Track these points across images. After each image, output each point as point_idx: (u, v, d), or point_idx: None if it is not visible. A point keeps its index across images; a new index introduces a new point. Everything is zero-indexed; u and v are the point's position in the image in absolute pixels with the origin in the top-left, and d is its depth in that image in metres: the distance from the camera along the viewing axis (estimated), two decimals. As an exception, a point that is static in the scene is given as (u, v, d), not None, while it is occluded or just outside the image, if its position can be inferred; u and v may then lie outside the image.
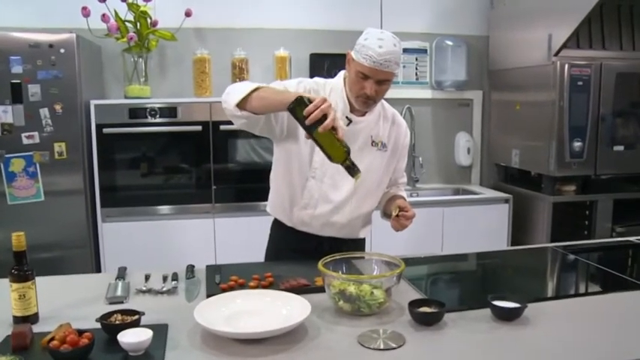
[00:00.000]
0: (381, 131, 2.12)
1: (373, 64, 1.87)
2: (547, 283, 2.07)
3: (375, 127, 2.10)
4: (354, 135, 2.05)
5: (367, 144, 2.09)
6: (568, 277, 2.17)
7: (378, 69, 1.87)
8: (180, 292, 1.85)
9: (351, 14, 4.05)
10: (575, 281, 2.14)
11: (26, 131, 3.13)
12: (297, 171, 2.09)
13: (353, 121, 2.05)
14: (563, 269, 2.23)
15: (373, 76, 1.90)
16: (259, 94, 1.87)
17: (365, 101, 1.97)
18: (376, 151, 2.11)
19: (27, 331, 1.43)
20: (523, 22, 3.85)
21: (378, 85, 1.93)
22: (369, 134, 2.09)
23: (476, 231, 3.73)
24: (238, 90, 1.91)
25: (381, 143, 2.11)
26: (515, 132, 3.99)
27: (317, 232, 2.14)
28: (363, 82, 1.92)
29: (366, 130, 2.07)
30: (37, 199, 3.18)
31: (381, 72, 1.89)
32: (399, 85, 4.24)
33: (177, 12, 3.67)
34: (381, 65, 1.87)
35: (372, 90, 1.92)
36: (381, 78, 1.91)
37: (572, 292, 1.94)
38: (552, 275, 2.17)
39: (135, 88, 3.52)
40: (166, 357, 1.37)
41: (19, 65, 3.10)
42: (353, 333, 1.49)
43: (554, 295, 1.81)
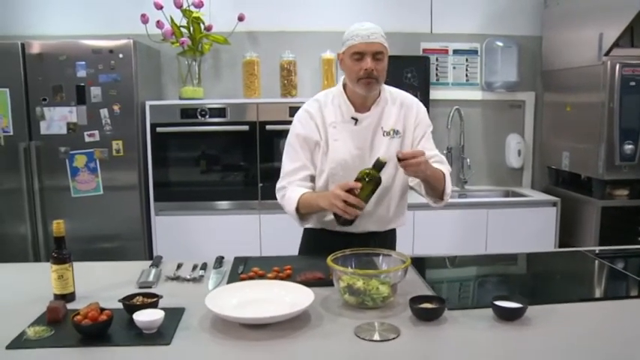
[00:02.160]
0: (391, 119, 2.17)
1: (362, 40, 2.01)
2: (564, 286, 2.05)
3: (383, 117, 2.16)
4: (363, 131, 2.14)
5: (379, 136, 2.16)
6: (587, 282, 2.15)
7: (368, 41, 2.00)
8: (205, 280, 1.99)
9: (400, 15, 4.09)
10: (593, 286, 2.12)
11: (88, 130, 3.40)
12: (321, 182, 2.19)
13: (359, 119, 2.14)
14: (585, 273, 2.21)
15: (367, 50, 2.01)
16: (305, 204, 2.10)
17: (368, 80, 2.04)
18: (389, 139, 2.16)
19: (60, 307, 1.61)
20: (576, 21, 3.77)
21: (376, 61, 2.02)
22: (379, 126, 2.15)
23: (522, 234, 3.69)
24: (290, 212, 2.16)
25: (393, 131, 2.17)
26: (565, 134, 3.91)
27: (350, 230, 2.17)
28: (360, 62, 2.02)
29: (373, 123, 2.15)
30: (97, 192, 3.44)
31: (372, 44, 2.00)
32: (449, 87, 4.26)
33: (231, 17, 3.85)
34: (369, 38, 2.00)
35: (371, 64, 2.01)
36: (375, 50, 2.01)
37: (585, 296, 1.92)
38: (572, 279, 2.15)
39: (188, 90, 3.73)
40: (176, 336, 1.51)
41: (84, 70, 3.37)
42: (352, 324, 1.57)
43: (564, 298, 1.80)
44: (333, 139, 2.15)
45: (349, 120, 2.14)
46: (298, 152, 2.18)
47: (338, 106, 2.17)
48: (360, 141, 2.14)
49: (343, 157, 2.14)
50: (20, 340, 1.48)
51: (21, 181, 3.40)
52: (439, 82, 4.25)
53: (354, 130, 2.14)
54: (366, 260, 1.92)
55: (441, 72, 4.25)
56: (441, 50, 4.24)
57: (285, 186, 2.18)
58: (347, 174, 2.12)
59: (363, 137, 2.14)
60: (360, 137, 2.14)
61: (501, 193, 4.26)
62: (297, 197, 2.10)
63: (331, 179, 2.16)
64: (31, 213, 3.43)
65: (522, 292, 1.74)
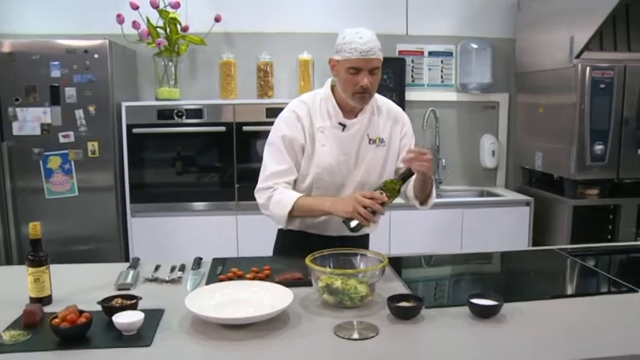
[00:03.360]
0: (377, 127, 2.17)
1: (361, 55, 1.95)
2: (538, 284, 2.10)
3: (369, 124, 2.16)
4: (351, 138, 2.14)
5: (365, 143, 2.16)
6: (560, 279, 2.20)
7: (366, 58, 1.96)
8: (184, 281, 1.99)
9: (376, 17, 4.12)
10: (567, 283, 2.17)
11: (63, 131, 3.36)
12: (304, 185, 2.19)
13: (347, 125, 2.13)
14: (560, 271, 2.26)
15: (365, 67, 1.97)
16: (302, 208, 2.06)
17: (362, 95, 2.03)
18: (375, 147, 2.17)
19: (37, 310, 1.59)
20: (548, 24, 3.85)
21: (372, 75, 2.00)
22: (365, 133, 2.15)
23: (496, 233, 3.75)
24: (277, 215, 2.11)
25: (379, 139, 2.17)
26: (538, 135, 3.99)
27: (326, 232, 2.22)
28: (356, 77, 1.99)
29: (360, 130, 2.14)
30: (72, 194, 3.40)
31: (370, 60, 1.97)
32: (424, 88, 4.31)
33: (207, 17, 3.84)
34: (367, 54, 1.95)
35: (367, 81, 1.98)
36: (372, 66, 1.99)
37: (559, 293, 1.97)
38: (545, 277, 2.20)
39: (164, 91, 3.71)
40: (156, 337, 1.50)
41: (58, 70, 3.33)
42: (332, 323, 1.58)
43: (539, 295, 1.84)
44: (321, 144, 2.13)
45: (337, 125, 2.13)
46: (284, 154, 2.13)
47: (326, 111, 2.14)
48: (346, 147, 2.14)
49: (329, 162, 2.13)
50: (-4, 344, 1.46)
51: (-7, 183, 3.35)
52: (414, 83, 4.29)
53: (341, 136, 2.13)
54: (344, 260, 1.94)
55: (417, 73, 4.30)
56: (417, 52, 4.28)
57: (271, 186, 2.12)
58: (332, 179, 2.14)
59: (349, 144, 2.14)
60: (346, 143, 2.14)
61: (476, 193, 4.32)
62: (293, 200, 2.07)
63: (316, 184, 2.17)
64: (3, 215, 3.37)
65: (497, 290, 1.77)
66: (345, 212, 1.95)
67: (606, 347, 1.48)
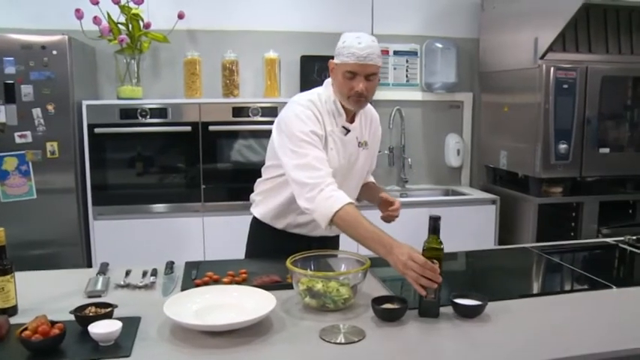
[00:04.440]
0: (364, 131, 2.19)
1: (357, 60, 1.93)
2: (516, 282, 2.11)
3: (359, 129, 2.17)
4: (352, 142, 2.13)
5: (356, 147, 2.16)
6: (538, 277, 2.23)
7: (363, 63, 1.93)
8: (157, 287, 1.92)
9: (342, 16, 4.10)
10: (544, 281, 2.20)
11: (19, 130, 3.20)
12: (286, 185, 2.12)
13: (350, 129, 2.11)
14: (535, 269, 2.28)
15: (360, 72, 1.95)
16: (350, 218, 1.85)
17: (357, 100, 2.00)
18: (362, 150, 2.18)
19: (3, 322, 1.50)
20: (511, 24, 3.90)
21: (367, 81, 1.97)
22: (357, 137, 2.15)
23: (463, 232, 3.75)
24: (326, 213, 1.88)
25: (365, 143, 2.19)
26: (503, 134, 4.04)
27: (309, 232, 2.18)
28: (352, 82, 1.96)
29: (355, 134, 2.14)
30: (30, 196, 3.25)
31: (366, 66, 1.94)
32: (390, 87, 4.31)
33: (169, 14, 3.73)
34: (365, 59, 1.93)
35: (363, 86, 1.96)
36: (368, 72, 1.96)
37: (538, 291, 1.99)
38: (522, 275, 2.21)
39: (127, 89, 3.59)
40: (135, 347, 1.44)
41: (12, 66, 3.17)
42: (316, 327, 1.55)
43: (520, 293, 1.85)
44: (330, 147, 2.08)
45: (341, 129, 2.10)
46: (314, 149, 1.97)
47: (332, 115, 2.08)
48: (347, 152, 2.12)
49: (334, 167, 2.06)
50: (-39, 360, 1.37)
51: (-56, 186, 3.17)
52: (380, 82, 4.27)
53: (344, 140, 2.10)
54: (324, 263, 1.91)
55: (382, 72, 4.26)
56: (382, 51, 4.25)
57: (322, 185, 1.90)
58: None
59: (350, 148, 2.13)
60: (348, 148, 2.12)
61: (441, 191, 4.35)
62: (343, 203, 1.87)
63: None
64: (-45, 219, 3.20)
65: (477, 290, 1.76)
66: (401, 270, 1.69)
67: (591, 344, 1.50)
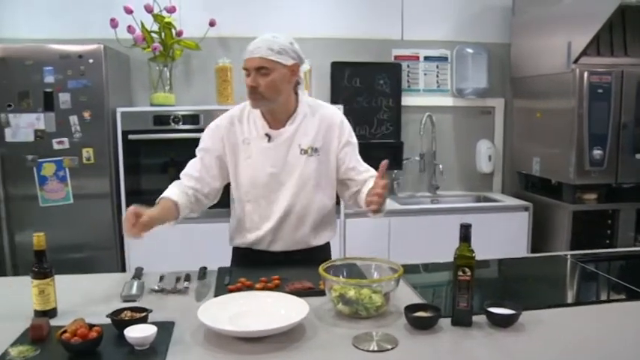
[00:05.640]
0: (309, 136, 2.11)
1: (247, 55, 2.00)
2: (550, 291, 2.08)
3: (299, 134, 2.10)
4: (278, 149, 2.09)
5: (295, 154, 2.10)
6: (572, 286, 2.19)
7: (251, 57, 1.97)
8: (190, 292, 1.94)
9: (372, 22, 4.12)
10: (579, 290, 2.16)
11: (57, 137, 3.29)
12: (237, 200, 2.18)
13: (272, 136, 2.09)
14: (570, 278, 2.25)
15: (250, 67, 1.98)
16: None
17: (253, 97, 2.00)
18: (307, 157, 2.10)
19: (44, 324, 1.54)
20: (544, 29, 3.85)
21: (260, 76, 1.97)
22: (296, 143, 2.10)
23: (495, 239, 3.68)
24: None
25: (311, 149, 2.11)
26: (535, 140, 3.99)
27: (269, 248, 2.18)
28: (247, 79, 2.00)
29: (289, 140, 2.09)
30: (67, 201, 3.33)
31: (252, 60, 1.97)
32: (420, 93, 4.29)
33: (201, 22, 3.79)
34: (251, 53, 1.98)
35: (252, 80, 1.97)
36: (255, 65, 1.97)
37: (573, 300, 1.96)
38: (556, 284, 2.18)
39: (160, 96, 3.65)
40: (169, 352, 1.45)
41: (52, 75, 3.26)
42: (349, 335, 1.55)
43: (554, 303, 1.82)
44: (245, 156, 2.09)
45: (262, 136, 2.08)
46: (197, 163, 2.16)
47: (253, 122, 2.10)
48: (274, 159, 2.08)
49: (255, 177, 2.09)
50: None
51: (-15, 191, 3.27)
52: (410, 88, 4.28)
53: (267, 148, 2.08)
54: (357, 270, 1.92)
55: (412, 78, 4.28)
56: (412, 57, 4.27)
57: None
58: (262, 193, 2.11)
59: (277, 155, 2.08)
60: (273, 155, 2.08)
61: (473, 198, 4.31)
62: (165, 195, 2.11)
63: (246, 198, 2.15)
64: (-4, 223, 3.30)
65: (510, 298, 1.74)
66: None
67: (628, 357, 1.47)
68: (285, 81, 2.01)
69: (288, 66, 2.00)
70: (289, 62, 2.00)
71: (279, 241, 2.16)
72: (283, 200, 2.10)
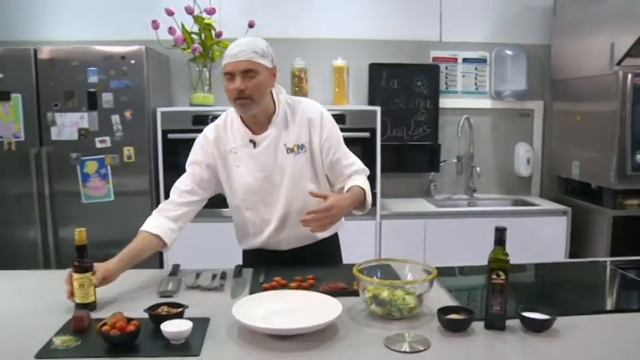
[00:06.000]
0: (293, 135, 2.12)
1: (230, 59, 1.96)
2: (587, 297, 2.04)
3: (283, 135, 2.11)
4: (265, 153, 2.09)
5: (282, 154, 2.11)
6: (611, 293, 2.14)
7: (236, 60, 1.94)
8: (226, 289, 1.97)
9: (410, 24, 4.11)
10: (618, 297, 2.11)
11: (99, 136, 3.39)
12: (235, 208, 2.21)
13: (256, 141, 2.09)
14: (609, 285, 2.20)
15: (235, 70, 1.95)
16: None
17: (242, 102, 1.98)
18: (294, 156, 2.11)
19: (85, 317, 1.59)
20: (586, 30, 3.77)
21: (247, 79, 1.95)
22: (281, 144, 2.10)
23: (532, 243, 3.66)
24: None
25: (297, 146, 2.11)
26: (575, 143, 3.92)
27: (278, 248, 2.22)
28: (231, 83, 1.97)
29: (273, 142, 2.10)
30: (108, 198, 3.42)
31: (239, 63, 1.94)
32: (458, 95, 4.26)
33: (241, 23, 3.82)
34: (236, 56, 1.95)
35: (240, 84, 1.95)
36: (242, 68, 1.95)
37: (610, 308, 1.92)
38: (594, 290, 2.14)
39: (199, 96, 3.72)
40: (204, 347, 1.49)
41: (95, 75, 3.36)
42: (381, 335, 1.56)
43: (590, 309, 1.79)
44: (235, 165, 2.11)
45: (247, 143, 2.10)
46: (188, 177, 2.18)
47: (236, 131, 2.12)
48: (263, 163, 2.10)
49: (249, 182, 2.11)
50: (48, 349, 1.46)
51: (31, 187, 3.38)
52: (448, 90, 4.25)
53: (254, 154, 2.09)
54: (391, 271, 1.92)
55: (451, 80, 4.25)
56: (451, 59, 4.24)
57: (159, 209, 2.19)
58: (258, 198, 2.13)
59: (265, 159, 2.09)
60: (262, 160, 2.09)
61: (510, 201, 4.26)
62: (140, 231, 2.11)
63: (244, 205, 2.16)
64: (41, 219, 3.41)
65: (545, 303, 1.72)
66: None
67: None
68: (268, 84, 2.04)
69: (269, 68, 2.02)
70: (270, 65, 2.02)
71: (285, 240, 2.20)
72: (280, 201, 2.13)
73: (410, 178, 4.29)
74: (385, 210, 3.72)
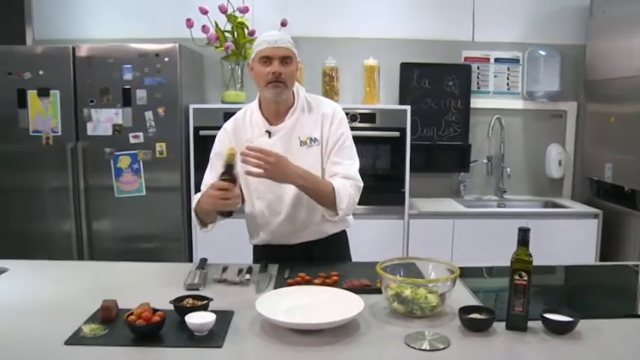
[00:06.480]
0: (307, 128, 2.17)
1: (269, 45, 2.05)
2: (613, 301, 2.01)
3: (298, 126, 2.16)
4: (279, 143, 2.13)
5: (295, 146, 2.16)
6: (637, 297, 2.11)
7: (275, 46, 2.04)
8: (251, 284, 2.01)
9: (442, 23, 4.10)
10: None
11: (133, 132, 3.46)
12: (247, 197, 2.24)
13: (272, 132, 2.15)
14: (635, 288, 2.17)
15: (274, 55, 2.04)
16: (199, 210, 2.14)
17: (276, 84, 2.06)
18: (307, 149, 2.16)
19: (113, 306, 1.64)
20: (623, 29, 3.69)
21: (284, 66, 2.04)
22: (295, 136, 2.16)
23: (562, 245, 3.62)
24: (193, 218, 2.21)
25: (310, 139, 2.17)
26: (609, 145, 3.84)
27: (285, 242, 2.25)
28: (267, 67, 2.04)
29: (288, 134, 2.15)
30: (140, 193, 3.50)
31: (279, 49, 2.04)
32: (490, 95, 4.23)
33: (273, 22, 3.86)
34: (276, 43, 2.05)
35: (278, 68, 2.03)
36: (282, 55, 2.05)
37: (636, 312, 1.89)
38: (621, 294, 2.10)
39: (231, 94, 3.77)
40: (227, 339, 1.53)
41: (130, 73, 3.44)
42: (402, 333, 1.57)
43: (615, 313, 1.77)
44: None
45: (263, 134, 2.16)
46: (215, 170, 2.18)
47: (254, 121, 2.19)
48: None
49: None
50: (77, 336, 1.52)
51: (67, 180, 3.48)
52: (480, 90, 4.22)
53: (268, 144, 2.12)
54: (414, 269, 1.93)
55: (482, 80, 4.22)
56: (483, 58, 4.21)
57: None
58: (269, 189, 2.15)
59: (277, 149, 2.09)
60: (274, 149, 2.09)
61: (541, 203, 4.21)
62: (194, 203, 2.17)
63: (255, 194, 2.20)
64: (75, 211, 3.50)
65: (568, 306, 1.70)
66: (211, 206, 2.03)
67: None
68: (296, 74, 2.14)
69: (297, 61, 2.14)
70: (298, 58, 2.15)
71: (294, 234, 2.22)
72: (290, 192, 2.16)
73: (440, 178, 4.27)
74: (414, 209, 3.72)
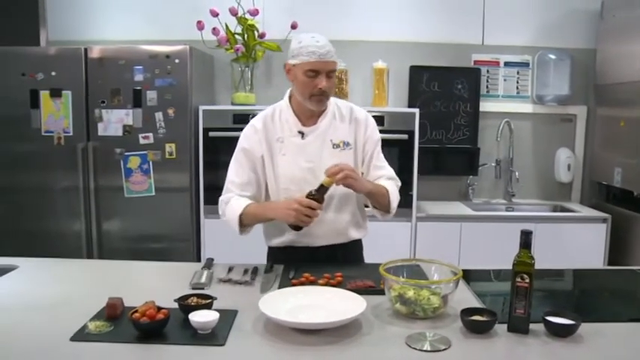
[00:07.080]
0: (340, 131, 2.17)
1: (319, 58, 1.99)
2: (619, 305, 2.01)
3: (331, 130, 2.16)
4: (312, 145, 2.14)
5: (328, 149, 2.15)
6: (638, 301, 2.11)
7: (324, 60, 2.00)
8: (256, 284, 2.03)
9: (452, 27, 4.10)
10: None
11: (143, 132, 3.50)
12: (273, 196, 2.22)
13: (305, 133, 2.14)
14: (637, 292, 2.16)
15: (322, 70, 2.00)
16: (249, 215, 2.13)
17: (320, 98, 2.05)
18: (340, 152, 2.16)
19: (118, 304, 1.67)
20: (634, 33, 3.67)
21: (329, 79, 2.03)
22: (328, 139, 2.15)
23: (571, 250, 3.62)
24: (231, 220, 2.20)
25: (343, 143, 2.17)
26: (618, 150, 3.83)
27: (310, 244, 2.23)
28: (314, 80, 2.02)
29: (321, 136, 2.15)
30: (149, 193, 3.53)
31: (327, 63, 2.01)
32: (499, 99, 4.22)
33: (283, 25, 3.90)
34: (325, 56, 2.00)
35: (326, 83, 2.01)
36: (329, 69, 2.02)
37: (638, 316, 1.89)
38: (627, 299, 2.10)
39: (241, 96, 3.80)
40: (230, 338, 1.55)
41: (141, 74, 3.47)
42: (403, 334, 1.58)
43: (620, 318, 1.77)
44: (281, 154, 2.15)
45: (296, 134, 2.15)
46: (243, 167, 2.20)
47: (285, 121, 2.17)
48: (308, 155, 2.14)
49: (292, 172, 2.14)
50: (82, 333, 1.55)
51: (78, 180, 3.52)
52: (489, 94, 4.22)
53: (301, 144, 2.14)
54: (417, 271, 1.94)
55: (492, 84, 4.22)
56: (492, 62, 4.20)
57: (231, 197, 2.20)
58: (299, 188, 2.12)
59: (311, 151, 2.13)
60: (308, 151, 2.13)
61: (550, 207, 4.19)
62: (242, 207, 2.13)
63: (284, 194, 2.18)
64: (86, 211, 3.54)
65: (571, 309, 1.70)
66: (282, 218, 2.04)
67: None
68: None
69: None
70: None
71: (321, 236, 2.20)
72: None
73: (448, 181, 4.27)
74: (421, 212, 3.73)
